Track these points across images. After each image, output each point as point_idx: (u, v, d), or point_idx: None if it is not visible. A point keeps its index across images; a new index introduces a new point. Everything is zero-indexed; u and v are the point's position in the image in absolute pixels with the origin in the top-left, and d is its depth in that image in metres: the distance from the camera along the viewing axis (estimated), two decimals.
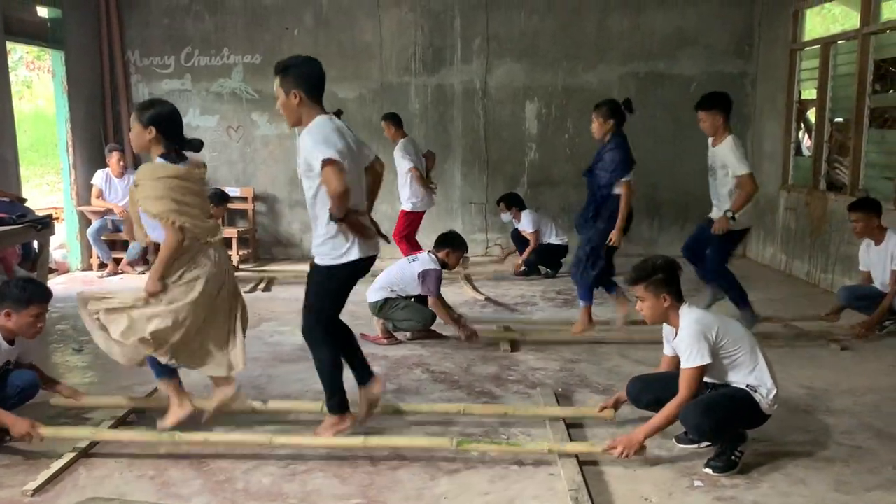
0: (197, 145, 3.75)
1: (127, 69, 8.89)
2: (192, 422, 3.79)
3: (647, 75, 8.81)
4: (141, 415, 4.13)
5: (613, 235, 5.27)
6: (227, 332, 3.75)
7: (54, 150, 9.01)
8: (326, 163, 3.31)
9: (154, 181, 3.51)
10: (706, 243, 5.48)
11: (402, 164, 7.36)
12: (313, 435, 3.72)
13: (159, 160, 3.59)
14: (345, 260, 3.53)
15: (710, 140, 5.41)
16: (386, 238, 3.88)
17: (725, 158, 5.24)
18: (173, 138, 3.62)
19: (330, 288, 3.63)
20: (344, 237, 3.50)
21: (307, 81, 3.45)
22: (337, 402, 3.71)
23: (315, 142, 3.37)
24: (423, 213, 7.61)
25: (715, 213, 5.46)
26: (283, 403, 4.19)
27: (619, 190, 5.24)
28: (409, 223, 7.52)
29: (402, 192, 7.42)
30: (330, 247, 3.53)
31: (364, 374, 3.87)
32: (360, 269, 3.62)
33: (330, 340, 3.70)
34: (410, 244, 7.47)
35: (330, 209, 3.42)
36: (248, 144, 9.13)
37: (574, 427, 3.91)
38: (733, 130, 5.38)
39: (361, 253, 3.55)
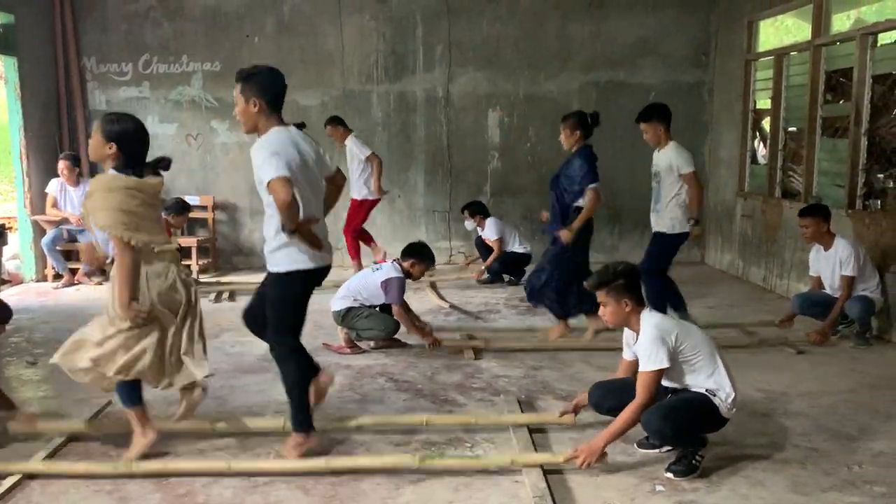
0: (165, 165, 3.67)
1: (83, 76, 8.74)
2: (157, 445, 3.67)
3: (608, 84, 8.93)
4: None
5: (564, 233, 5.35)
6: (188, 339, 3.62)
7: (7, 159, 8.81)
8: (274, 180, 3.31)
9: (106, 193, 3.39)
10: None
11: (362, 153, 7.76)
12: (277, 454, 3.68)
13: (112, 171, 3.47)
14: (298, 267, 3.53)
15: (657, 149, 5.71)
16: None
17: (672, 160, 5.52)
18: (133, 158, 3.49)
19: (287, 296, 3.61)
20: (296, 247, 3.51)
21: (268, 91, 3.45)
22: (302, 419, 3.66)
23: (263, 158, 3.37)
24: (376, 202, 8.04)
25: (655, 221, 5.73)
26: (244, 421, 4.08)
27: (584, 200, 5.36)
28: (364, 212, 7.98)
29: (358, 181, 7.76)
30: (283, 254, 3.54)
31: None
32: (314, 278, 3.63)
33: (297, 355, 3.67)
34: (362, 237, 7.98)
35: (281, 221, 3.41)
36: (207, 153, 9.02)
37: (537, 432, 3.93)
38: (674, 138, 5.67)
39: (315, 262, 3.56)
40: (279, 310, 3.63)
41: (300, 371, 3.67)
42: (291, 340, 3.67)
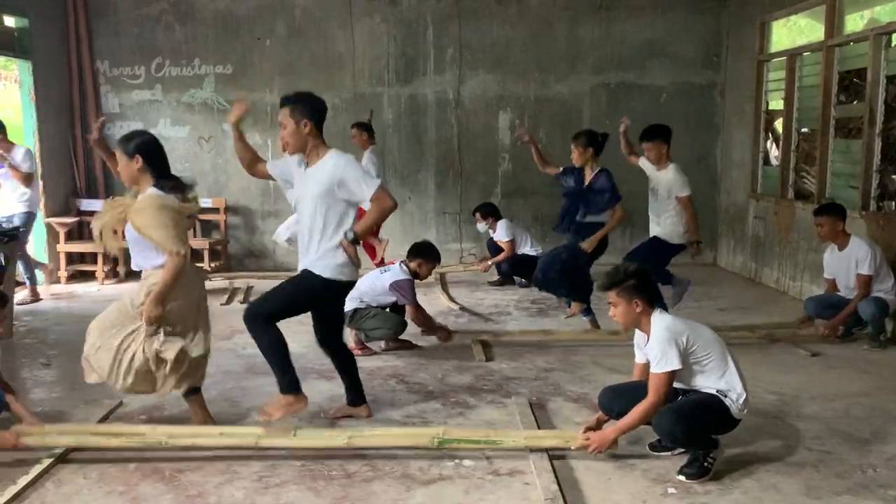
0: (187, 184, 3.89)
1: (96, 79, 8.80)
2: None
3: (618, 86, 8.91)
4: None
5: (586, 243, 5.57)
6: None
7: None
8: (380, 188, 3.77)
9: (156, 210, 3.60)
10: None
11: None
12: (261, 414, 3.84)
13: (153, 190, 3.67)
14: (342, 277, 3.84)
15: (655, 167, 5.82)
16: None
17: (670, 183, 5.68)
18: (159, 167, 3.71)
19: (309, 295, 3.88)
20: (347, 257, 3.82)
21: (316, 114, 3.80)
22: (288, 381, 3.83)
23: (361, 175, 3.79)
24: None
25: (654, 230, 5.89)
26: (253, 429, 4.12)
27: (606, 215, 5.62)
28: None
29: None
30: (332, 263, 3.80)
31: (356, 397, 4.24)
32: (344, 291, 4.01)
33: (272, 329, 3.81)
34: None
35: (353, 229, 3.79)
36: (219, 155, 9.05)
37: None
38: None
39: (352, 276, 3.92)
40: (289, 297, 3.86)
41: (273, 335, 3.80)
42: (267, 317, 3.80)
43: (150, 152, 3.69)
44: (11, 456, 3.62)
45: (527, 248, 8.02)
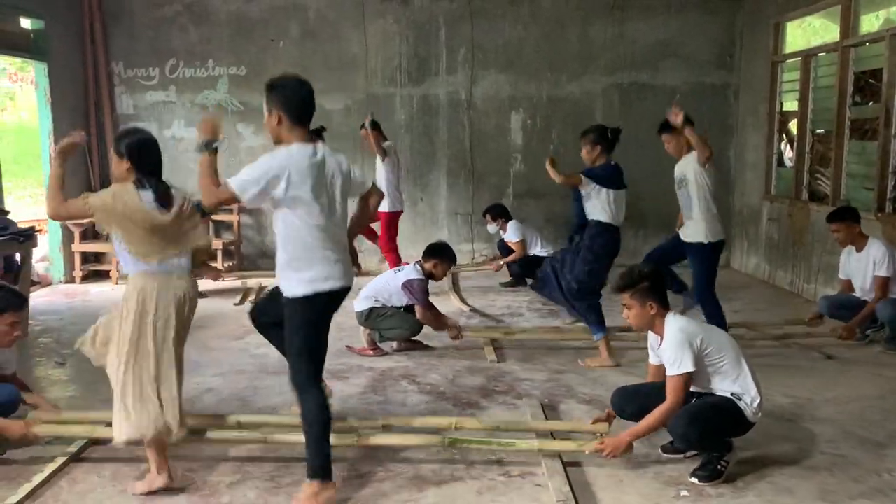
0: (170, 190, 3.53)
1: (111, 81, 8.86)
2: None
3: (631, 86, 8.89)
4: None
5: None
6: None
7: (37, 163, 8.95)
8: (230, 184, 3.31)
9: (111, 192, 3.38)
10: (674, 260, 5.65)
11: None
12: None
13: (129, 184, 3.42)
14: (316, 289, 3.29)
15: (678, 160, 5.42)
16: (359, 267, 3.77)
17: (697, 157, 5.23)
18: (147, 170, 3.44)
19: (303, 320, 3.32)
20: (308, 265, 3.30)
21: (290, 104, 3.30)
22: (319, 464, 3.24)
23: (251, 167, 3.34)
24: (398, 214, 7.67)
25: (690, 231, 5.42)
26: (268, 417, 4.14)
27: (597, 214, 5.23)
28: (395, 226, 7.59)
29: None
30: (297, 278, 3.33)
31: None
32: (333, 300, 3.38)
33: (316, 386, 3.33)
34: (396, 252, 7.57)
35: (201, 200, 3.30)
36: (233, 156, 9.05)
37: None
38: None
39: (330, 285, 3.31)
40: (297, 335, 3.33)
41: (319, 405, 3.27)
42: (309, 368, 3.34)
43: (137, 154, 3.42)
44: (26, 454, 3.66)
45: (538, 250, 8.00)
